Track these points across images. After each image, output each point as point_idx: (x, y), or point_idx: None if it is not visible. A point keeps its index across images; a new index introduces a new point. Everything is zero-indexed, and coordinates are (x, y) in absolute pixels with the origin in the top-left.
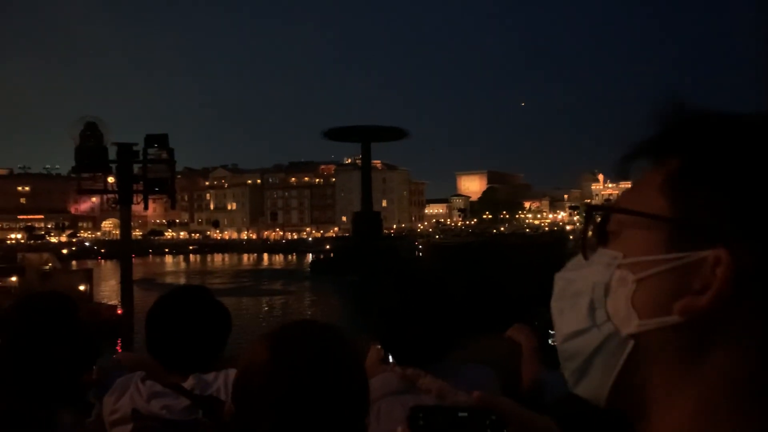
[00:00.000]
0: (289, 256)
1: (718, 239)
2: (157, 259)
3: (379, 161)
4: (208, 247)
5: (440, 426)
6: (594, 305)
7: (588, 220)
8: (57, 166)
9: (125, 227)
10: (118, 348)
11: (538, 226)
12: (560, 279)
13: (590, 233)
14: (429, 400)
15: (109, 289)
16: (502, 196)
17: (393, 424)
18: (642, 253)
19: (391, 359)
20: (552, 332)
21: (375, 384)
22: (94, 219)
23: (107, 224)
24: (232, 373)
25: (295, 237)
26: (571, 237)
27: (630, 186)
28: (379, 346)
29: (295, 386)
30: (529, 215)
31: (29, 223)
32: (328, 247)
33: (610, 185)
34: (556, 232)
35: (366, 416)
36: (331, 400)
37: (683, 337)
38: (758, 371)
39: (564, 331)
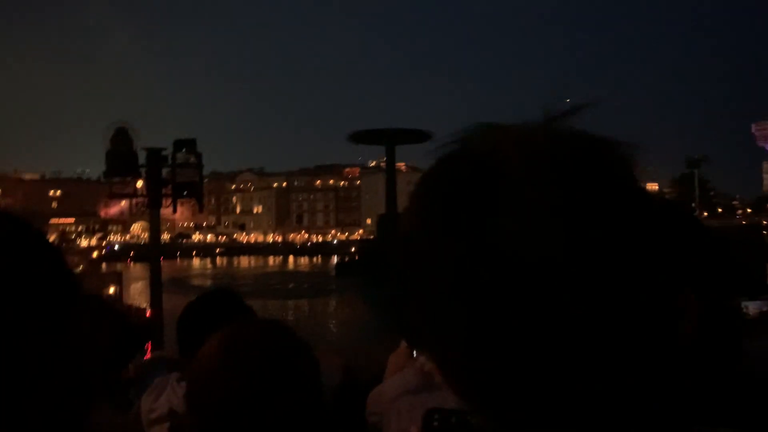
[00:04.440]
0: (315, 259)
1: None
2: (185, 262)
3: (403, 163)
4: (234, 249)
5: (454, 429)
6: None
7: None
8: (87, 170)
9: (155, 230)
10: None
11: None
12: None
13: None
14: (448, 395)
15: (137, 291)
16: None
17: (412, 422)
18: None
19: (415, 353)
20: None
21: (395, 382)
22: (123, 222)
23: (136, 227)
24: None
25: (320, 239)
26: None
27: None
28: (405, 343)
29: (246, 387)
30: None
31: (61, 228)
32: (353, 249)
33: None
34: None
35: (320, 411)
36: (282, 398)
37: None
38: None
39: None
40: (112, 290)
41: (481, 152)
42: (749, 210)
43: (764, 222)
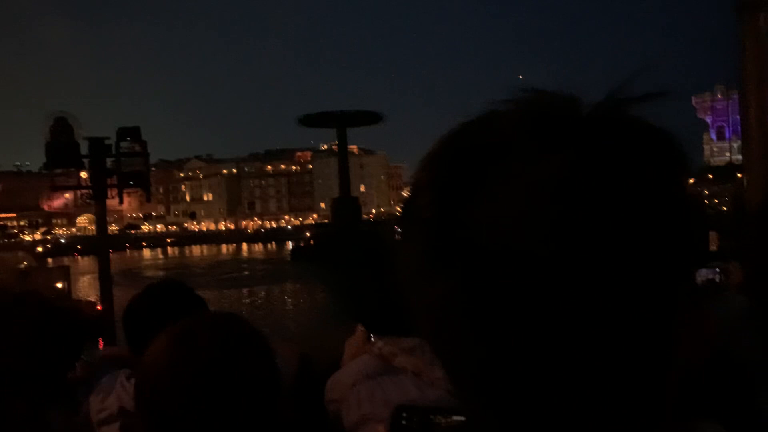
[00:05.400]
0: (269, 245)
1: None
2: (135, 253)
3: (355, 146)
4: (186, 239)
5: (421, 427)
6: None
7: None
8: (27, 163)
9: (101, 223)
10: (100, 344)
11: None
12: None
13: None
14: (406, 379)
15: (86, 286)
16: None
17: (373, 407)
18: None
19: (372, 338)
20: None
21: (353, 368)
22: (68, 215)
23: (82, 220)
24: None
25: (274, 225)
26: None
27: None
28: (362, 327)
29: (197, 385)
30: None
31: (1, 222)
32: (308, 234)
33: None
34: None
35: (276, 405)
36: (234, 394)
37: None
38: None
39: None
40: (60, 285)
41: (482, 129)
42: (692, 180)
43: (706, 191)
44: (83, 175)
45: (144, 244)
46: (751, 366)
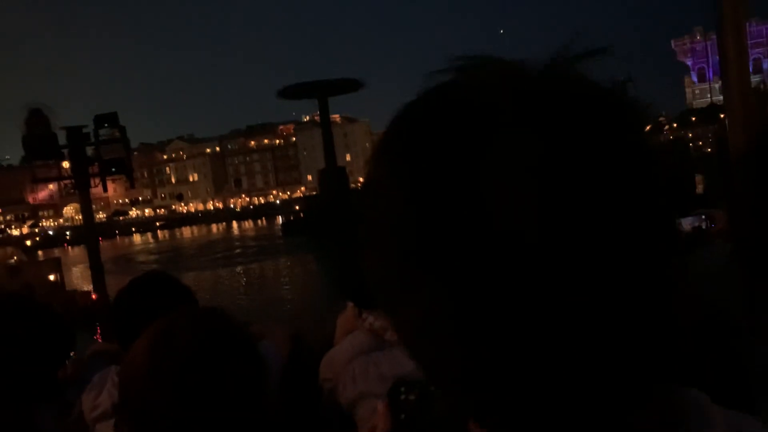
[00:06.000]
0: (259, 222)
1: None
2: (126, 240)
3: (338, 115)
4: (175, 221)
5: (421, 399)
6: None
7: None
8: (7, 157)
9: (87, 212)
10: (97, 335)
11: None
12: None
13: None
14: (399, 353)
15: (79, 276)
16: None
17: (368, 383)
18: None
19: (362, 314)
20: None
21: (346, 345)
22: (54, 206)
23: (69, 210)
24: None
25: (263, 201)
26: None
27: None
28: (352, 303)
29: (175, 385)
30: None
31: None
32: (297, 207)
33: None
34: None
35: (262, 398)
36: (214, 393)
37: None
38: None
39: None
40: (52, 277)
41: (465, 89)
42: (675, 125)
43: (689, 135)
44: (65, 165)
45: (134, 229)
46: (736, 316)
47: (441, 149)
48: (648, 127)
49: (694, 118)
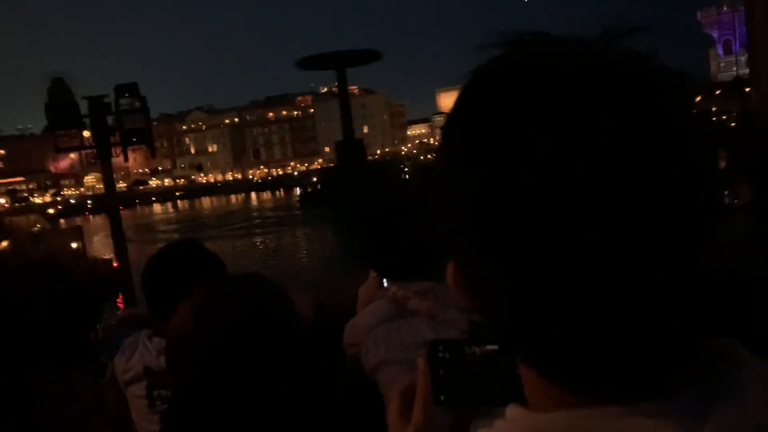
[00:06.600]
0: (277, 193)
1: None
2: (146, 209)
3: (356, 87)
4: (194, 191)
5: (458, 356)
6: None
7: None
8: (29, 126)
9: (108, 181)
10: (119, 302)
11: None
12: None
13: None
14: (421, 321)
15: (101, 244)
16: None
17: (391, 351)
18: None
19: (385, 283)
20: None
21: (368, 313)
22: (76, 176)
23: (90, 179)
24: None
25: (281, 173)
26: None
27: None
28: (374, 273)
29: (221, 346)
30: None
31: (11, 187)
32: (314, 179)
33: None
34: None
35: (300, 362)
36: (258, 353)
37: None
38: None
39: None
40: (75, 246)
41: (532, 60)
42: (699, 98)
43: (713, 108)
44: (86, 134)
45: (153, 199)
46: (753, 285)
47: (526, 124)
48: (699, 98)
49: (718, 92)
